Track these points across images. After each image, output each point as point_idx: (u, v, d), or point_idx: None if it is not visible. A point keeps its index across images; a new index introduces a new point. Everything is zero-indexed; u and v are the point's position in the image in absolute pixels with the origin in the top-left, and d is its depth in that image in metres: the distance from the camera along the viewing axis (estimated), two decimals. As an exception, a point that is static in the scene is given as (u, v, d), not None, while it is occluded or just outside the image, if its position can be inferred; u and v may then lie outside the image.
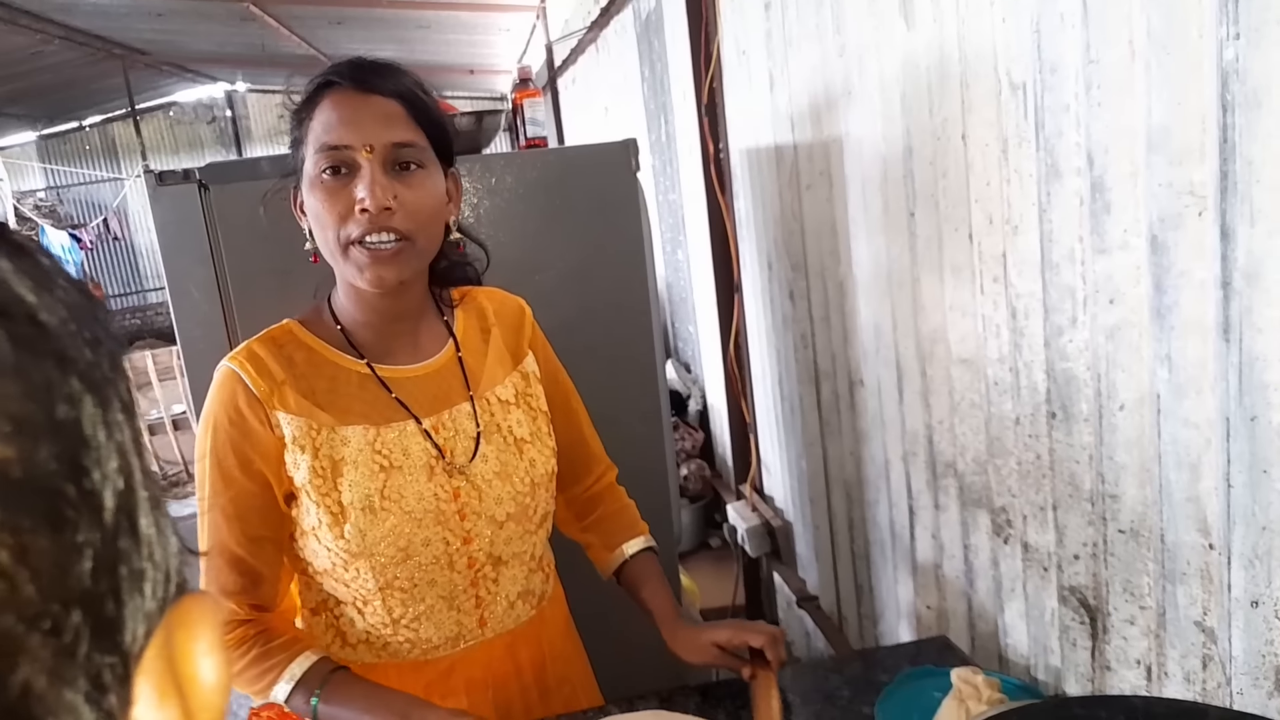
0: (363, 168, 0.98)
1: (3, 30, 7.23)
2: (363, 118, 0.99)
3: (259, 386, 1.04)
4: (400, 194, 0.99)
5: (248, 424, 1.04)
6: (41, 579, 0.20)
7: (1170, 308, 0.95)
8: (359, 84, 1.00)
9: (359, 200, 0.97)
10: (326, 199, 0.99)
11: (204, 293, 1.63)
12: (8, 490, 0.19)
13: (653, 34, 3.45)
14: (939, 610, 1.66)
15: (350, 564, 1.06)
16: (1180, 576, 1.00)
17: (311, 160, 1.00)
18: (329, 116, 0.99)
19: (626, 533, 1.32)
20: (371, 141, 0.98)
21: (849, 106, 1.72)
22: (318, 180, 1.00)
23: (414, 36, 7.68)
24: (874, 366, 1.79)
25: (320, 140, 0.99)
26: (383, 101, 1.01)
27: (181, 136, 14.10)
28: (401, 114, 1.01)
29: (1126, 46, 0.95)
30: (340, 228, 0.99)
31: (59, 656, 0.20)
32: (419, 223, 1.02)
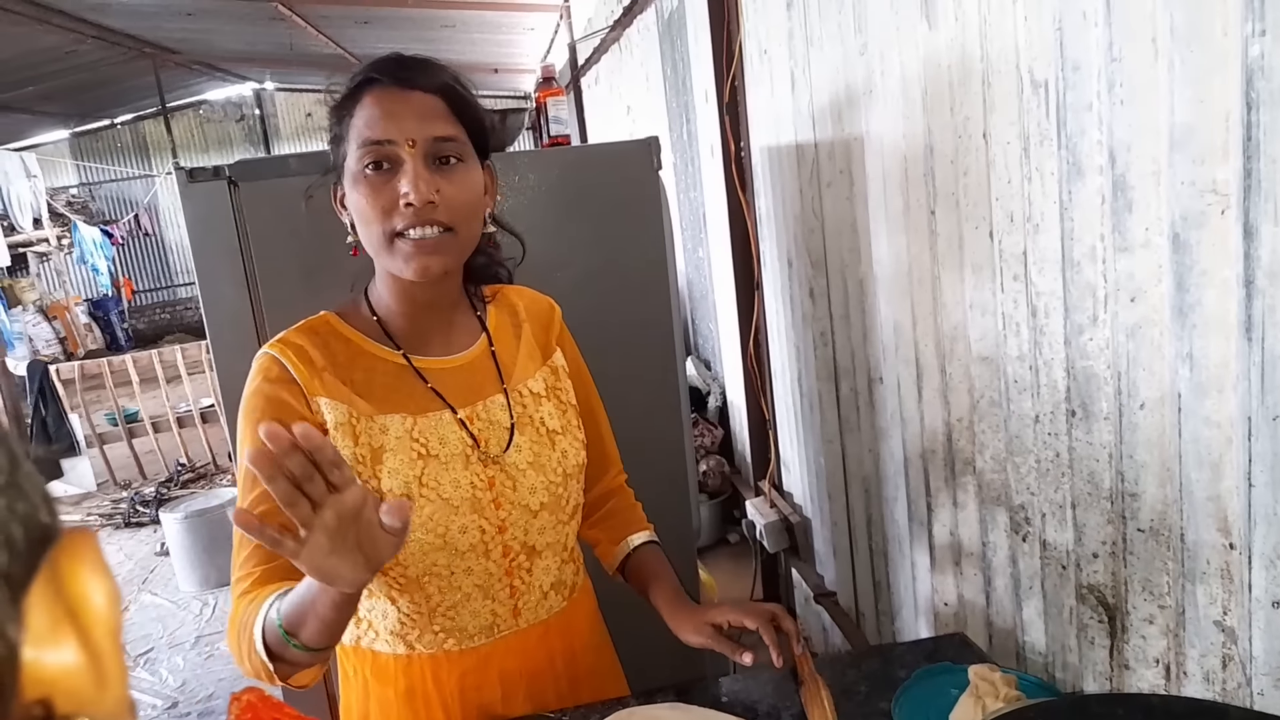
0: (405, 162, 1.00)
1: (37, 30, 7.35)
2: (404, 113, 1.00)
3: (299, 372, 1.06)
4: (442, 187, 1.01)
5: (287, 403, 1.05)
6: None
7: (1192, 306, 0.94)
8: (400, 80, 1.02)
9: (403, 194, 0.99)
10: (370, 193, 1.01)
11: (233, 288, 1.66)
12: None
13: (675, 33, 3.46)
14: (956, 607, 1.66)
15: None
16: (1200, 576, 1.00)
17: (354, 155, 1.02)
18: (371, 112, 1.01)
19: (632, 528, 1.34)
20: (414, 136, 1.00)
21: (870, 105, 1.72)
22: (361, 175, 1.01)
23: (440, 36, 7.73)
24: (893, 364, 1.79)
25: (363, 135, 1.00)
26: (424, 97, 1.02)
27: (211, 134, 14.28)
28: (442, 109, 1.03)
29: (1149, 44, 0.95)
30: (385, 221, 1.01)
31: None
32: (461, 215, 1.04)
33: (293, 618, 0.91)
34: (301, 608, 0.90)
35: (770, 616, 1.15)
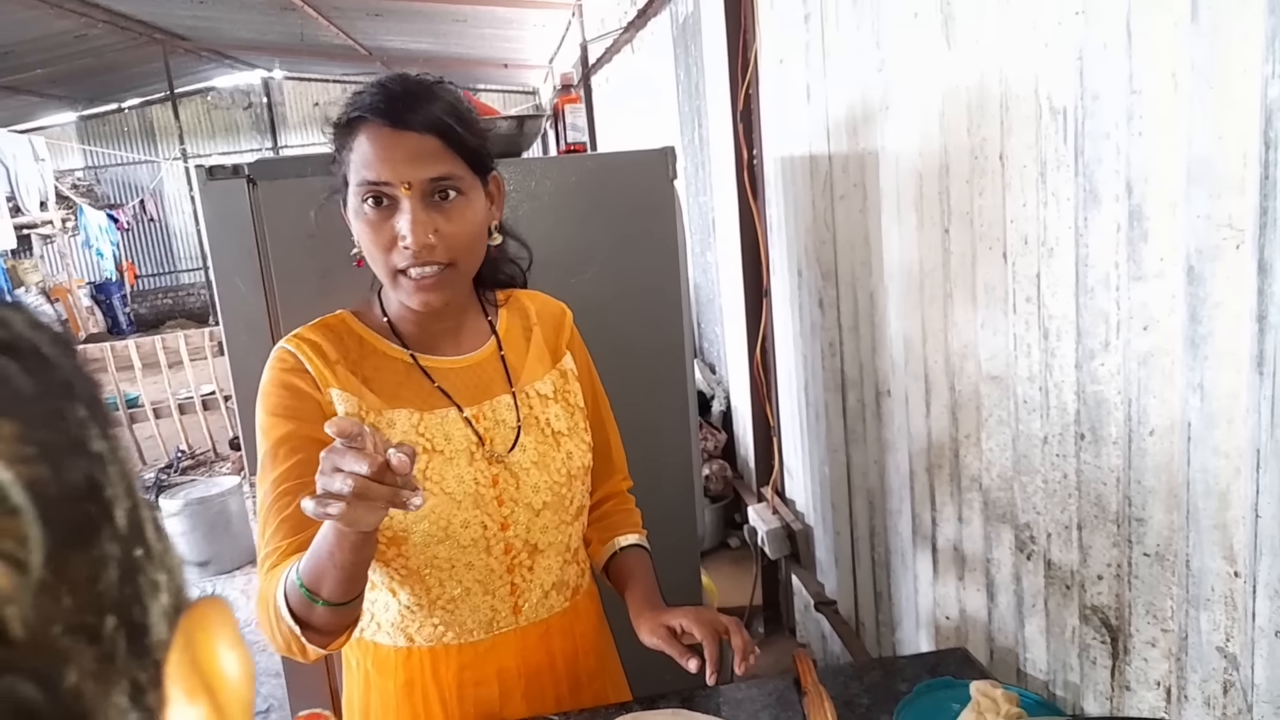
0: (403, 204, 1.01)
1: (50, 14, 7.35)
2: (399, 156, 1.00)
3: (313, 365, 1.10)
4: (440, 226, 1.03)
5: (302, 392, 1.09)
6: (78, 590, 0.22)
7: (1205, 338, 0.96)
8: (394, 120, 1.01)
9: (400, 237, 1.01)
10: (370, 231, 1.03)
11: (249, 284, 1.67)
12: (45, 508, 0.22)
13: (689, 38, 3.47)
14: (958, 622, 1.68)
15: (392, 543, 1.10)
16: (1204, 602, 1.01)
17: (354, 190, 1.04)
18: (366, 152, 1.01)
19: (621, 530, 1.34)
20: (409, 179, 1.00)
21: (886, 121, 1.73)
22: (360, 211, 1.04)
23: (450, 30, 7.74)
24: (902, 378, 1.81)
25: (360, 175, 1.02)
26: (418, 138, 1.01)
27: (218, 121, 14.26)
28: (438, 147, 1.03)
29: (1169, 78, 0.97)
30: (386, 257, 1.03)
31: (101, 661, 0.22)
32: (460, 249, 1.05)
33: (313, 575, 0.92)
34: (319, 562, 0.91)
35: (719, 629, 1.13)
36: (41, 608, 0.21)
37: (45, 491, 0.22)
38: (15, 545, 0.21)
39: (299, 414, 1.08)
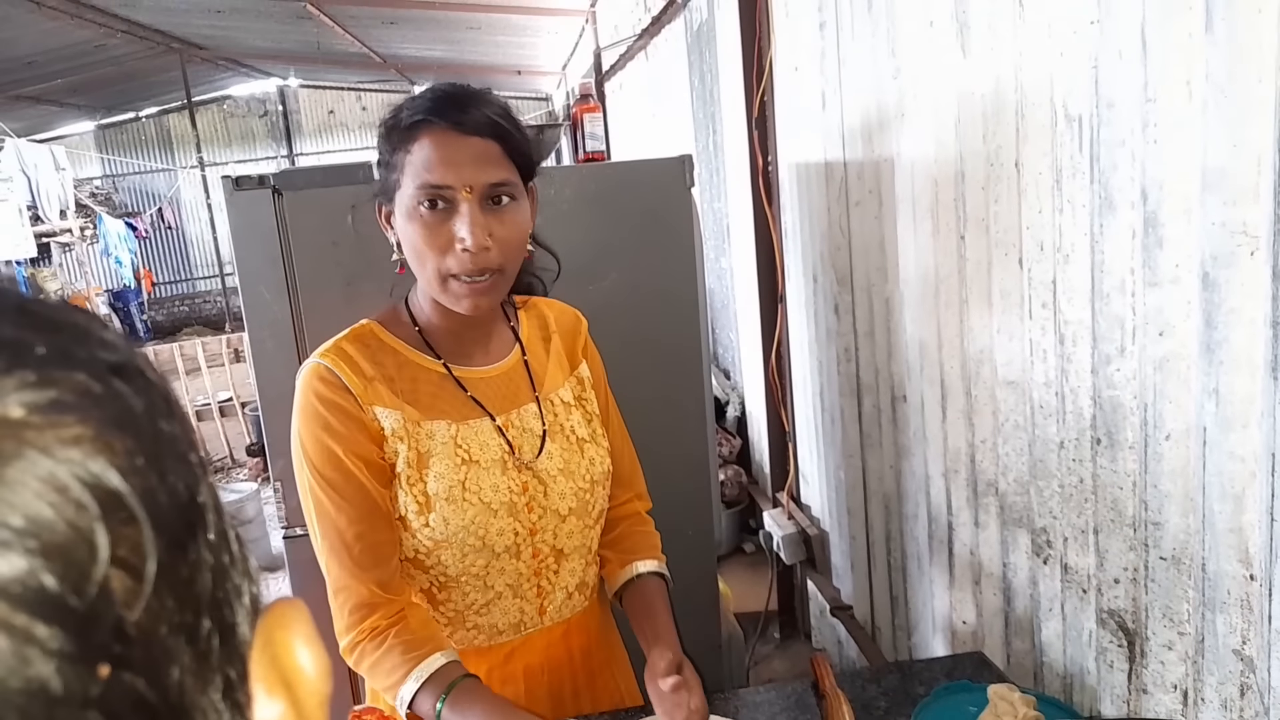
0: (462, 207, 1.03)
1: (70, 24, 7.44)
2: (462, 159, 1.02)
3: (353, 382, 1.10)
4: (495, 230, 1.04)
5: (346, 413, 1.09)
6: (179, 594, 0.24)
7: (1220, 343, 0.97)
8: (458, 124, 1.03)
9: (459, 240, 1.02)
10: (425, 233, 1.03)
11: (274, 292, 1.70)
12: (155, 517, 0.23)
13: (704, 45, 3.49)
14: (975, 626, 1.69)
15: (433, 551, 1.12)
16: (1220, 605, 1.02)
17: (410, 192, 1.04)
18: (429, 155, 1.02)
19: (641, 552, 1.32)
20: (471, 183, 1.02)
21: (901, 128, 1.75)
22: (415, 213, 1.04)
23: (464, 37, 7.79)
24: (917, 383, 1.82)
25: (420, 177, 1.02)
26: (481, 143, 1.04)
27: (234, 129, 14.37)
28: (497, 152, 1.05)
29: (1184, 87, 0.98)
30: (439, 260, 1.04)
31: (199, 660, 0.24)
32: (510, 254, 1.07)
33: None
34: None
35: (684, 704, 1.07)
36: (151, 609, 0.22)
37: (155, 501, 0.23)
38: (132, 552, 0.22)
39: (345, 434, 1.08)
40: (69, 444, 0.22)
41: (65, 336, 0.24)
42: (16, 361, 0.22)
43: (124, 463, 0.23)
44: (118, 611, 0.21)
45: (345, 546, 1.08)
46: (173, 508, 0.24)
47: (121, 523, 0.22)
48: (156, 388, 0.26)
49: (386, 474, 1.12)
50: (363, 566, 1.08)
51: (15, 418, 0.21)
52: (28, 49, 8.03)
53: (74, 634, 0.20)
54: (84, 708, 0.20)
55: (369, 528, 1.09)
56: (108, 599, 0.21)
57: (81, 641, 0.20)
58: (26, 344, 0.23)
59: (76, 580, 0.21)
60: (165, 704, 0.22)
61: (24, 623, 0.19)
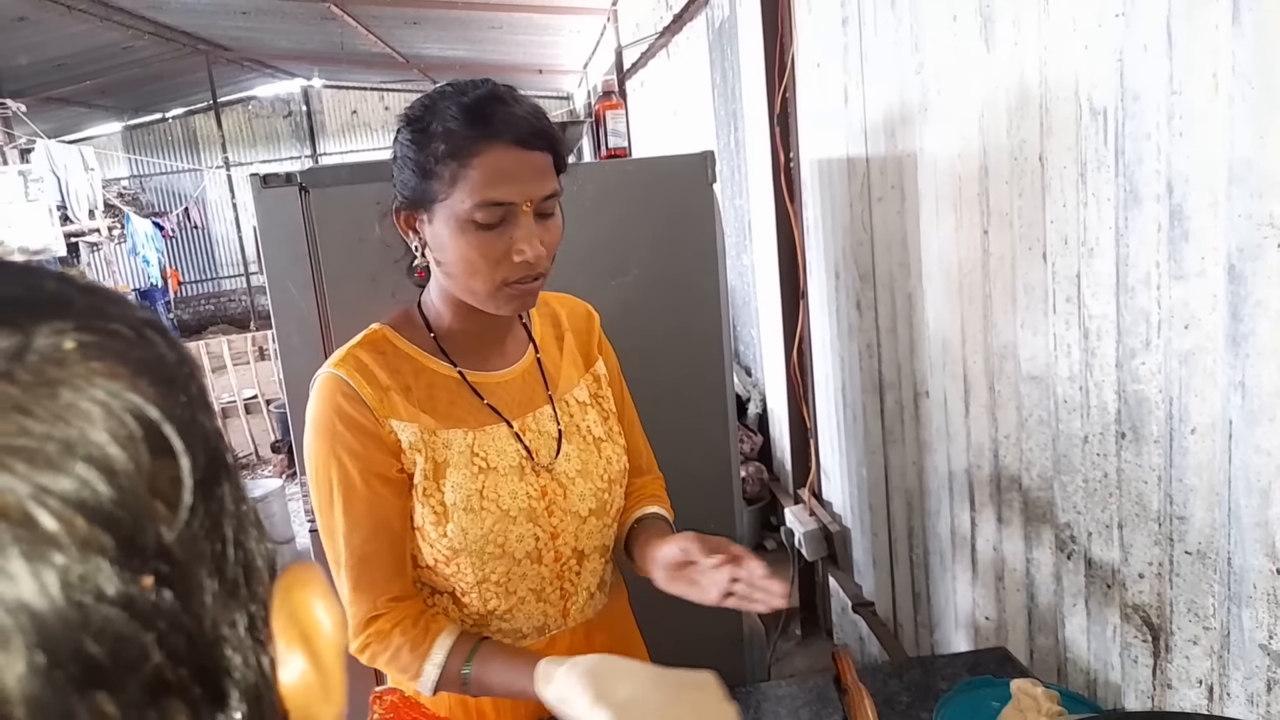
0: (521, 220, 1.03)
1: (98, 27, 7.55)
2: (525, 175, 1.03)
3: (368, 394, 1.09)
4: (544, 238, 1.05)
5: (362, 429, 1.09)
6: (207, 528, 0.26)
7: (1246, 336, 0.96)
8: (524, 142, 1.03)
9: (518, 251, 1.03)
10: (482, 245, 1.03)
11: (300, 289, 1.72)
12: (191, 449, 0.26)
13: (725, 42, 3.49)
14: (998, 621, 1.68)
15: (451, 560, 1.13)
16: (1246, 600, 1.01)
17: (465, 206, 1.03)
18: (491, 171, 1.02)
19: (641, 505, 1.30)
20: (531, 196, 1.03)
21: (925, 123, 1.74)
22: (470, 225, 1.03)
23: (486, 37, 7.83)
24: (940, 379, 1.81)
25: (483, 194, 1.02)
26: (540, 157, 1.04)
27: (259, 130, 14.53)
28: (549, 165, 1.06)
29: (1210, 79, 0.98)
30: (494, 271, 1.04)
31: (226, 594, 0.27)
32: (552, 258, 1.09)
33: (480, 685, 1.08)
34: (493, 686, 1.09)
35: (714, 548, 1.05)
36: (184, 539, 0.25)
37: (188, 437, 0.26)
38: (169, 480, 0.25)
39: (361, 451, 1.08)
40: (113, 378, 0.24)
41: (101, 297, 0.27)
42: (63, 311, 0.25)
43: (160, 400, 0.25)
44: (157, 531, 0.24)
45: (356, 565, 1.09)
46: (203, 450, 0.27)
47: (160, 452, 0.25)
48: (183, 349, 0.29)
49: (403, 486, 1.12)
50: (373, 583, 1.10)
51: (67, 349, 0.24)
52: (57, 51, 8.16)
53: (123, 543, 0.23)
54: (132, 615, 0.22)
55: (380, 546, 1.10)
56: (151, 516, 0.24)
57: (129, 551, 0.23)
58: (69, 298, 0.26)
59: (124, 496, 0.23)
60: (198, 627, 0.25)
61: (84, 527, 0.22)
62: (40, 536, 0.21)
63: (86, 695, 0.21)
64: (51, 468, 0.22)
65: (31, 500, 0.21)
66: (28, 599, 0.21)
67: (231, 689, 0.26)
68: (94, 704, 0.21)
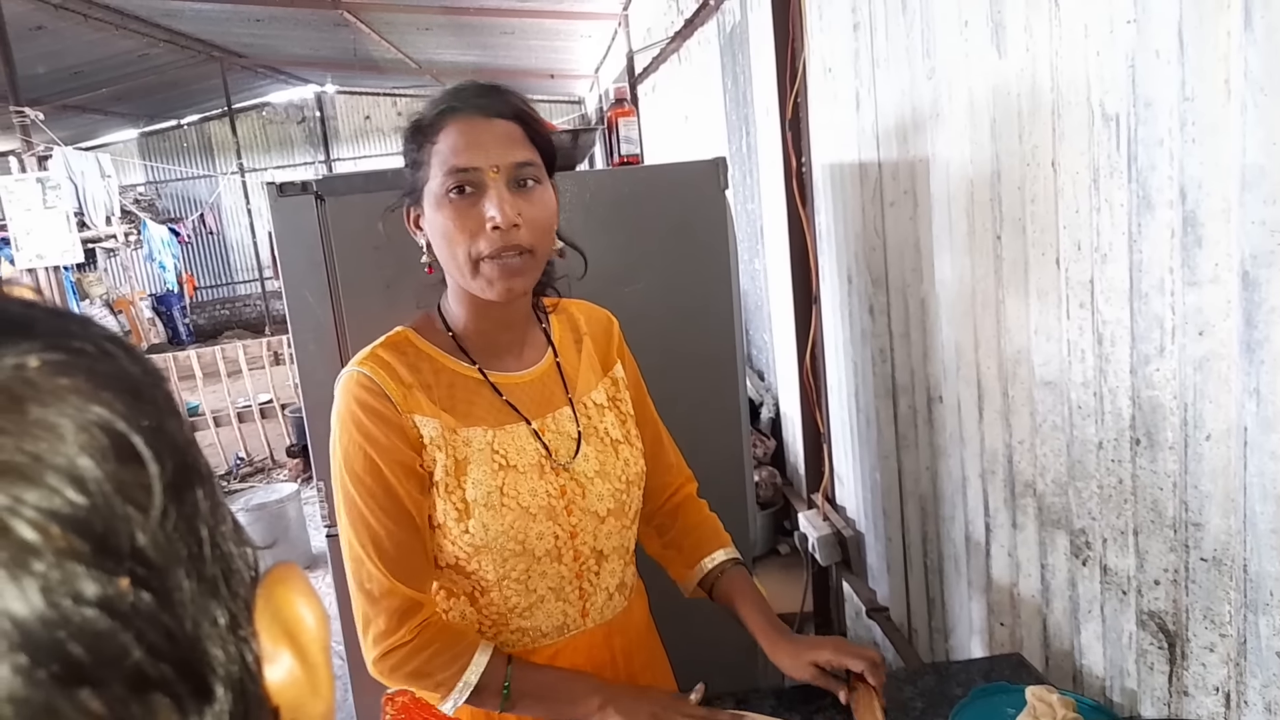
0: (490, 188, 1.06)
1: (114, 35, 7.63)
2: (488, 141, 1.06)
3: (393, 390, 1.11)
4: (524, 210, 1.07)
5: (387, 420, 1.10)
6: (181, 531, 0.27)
7: (1261, 342, 0.96)
8: (482, 109, 1.07)
9: (489, 218, 1.04)
10: (456, 217, 1.06)
11: (316, 296, 1.74)
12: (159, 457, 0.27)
13: (737, 47, 3.49)
14: (1012, 628, 1.68)
15: (473, 557, 1.14)
16: (1263, 606, 1.01)
17: (438, 181, 1.07)
18: (456, 140, 1.06)
19: (706, 547, 1.36)
20: (498, 163, 1.06)
21: (936, 128, 1.74)
22: (445, 199, 1.06)
23: (498, 42, 7.87)
24: (954, 384, 1.81)
25: (449, 163, 1.05)
26: (505, 124, 1.08)
27: (273, 136, 14.63)
28: (520, 134, 1.09)
29: (1223, 85, 0.97)
30: (470, 244, 1.06)
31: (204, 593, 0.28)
32: (539, 235, 1.09)
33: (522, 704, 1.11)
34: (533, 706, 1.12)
35: (874, 662, 1.21)
36: (158, 541, 0.26)
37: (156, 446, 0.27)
38: (138, 487, 0.26)
39: (386, 442, 1.09)
40: (79, 393, 0.26)
41: (65, 318, 0.29)
42: (27, 331, 0.26)
43: (125, 411, 0.27)
44: (131, 535, 0.25)
45: (386, 554, 1.09)
46: (172, 457, 0.28)
47: (128, 459, 0.26)
48: (148, 363, 0.30)
49: (424, 482, 1.13)
50: (404, 573, 1.10)
51: (33, 368, 0.25)
52: (74, 59, 8.25)
53: (98, 548, 0.24)
54: (111, 616, 0.24)
55: (408, 537, 1.11)
56: (124, 521, 0.25)
57: (104, 555, 0.24)
58: (33, 319, 0.27)
59: (96, 503, 0.24)
60: (178, 625, 0.26)
61: (60, 535, 0.23)
62: (19, 546, 0.22)
63: (71, 692, 0.22)
64: (25, 480, 0.23)
65: (8, 512, 0.22)
66: (9, 605, 0.22)
67: (215, 683, 0.27)
68: (78, 700, 0.22)
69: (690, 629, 1.50)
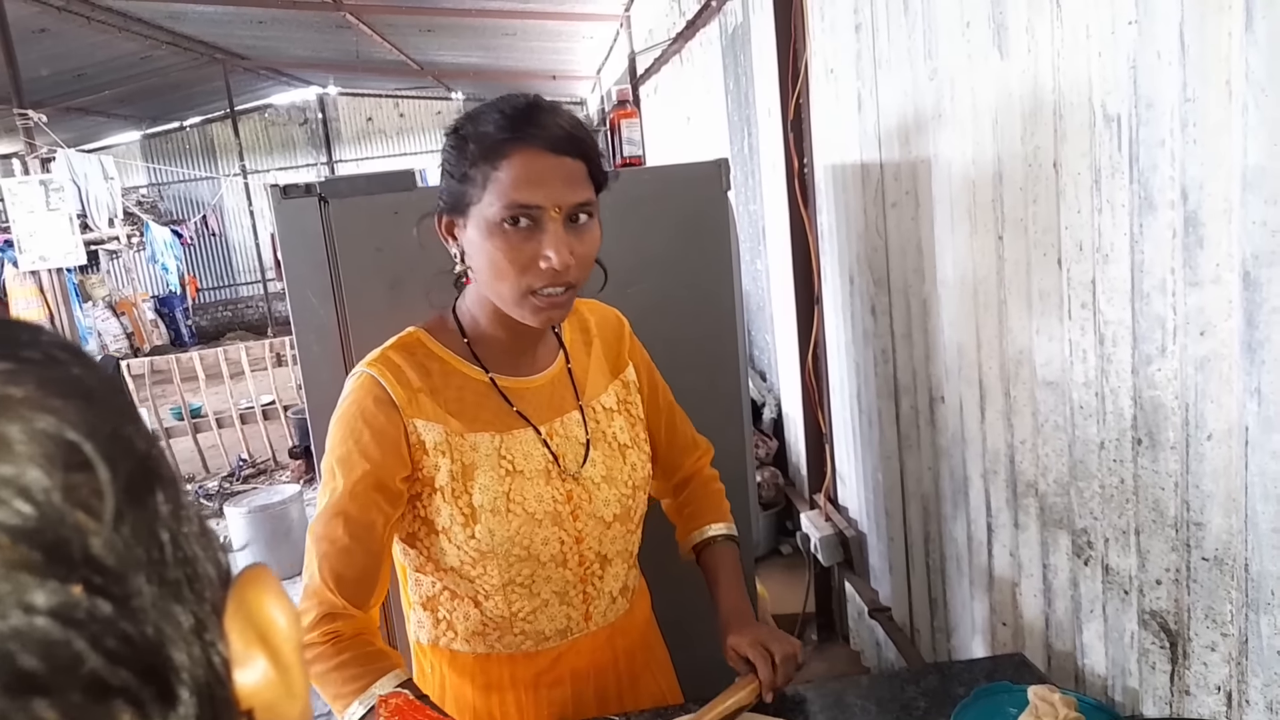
0: (548, 226, 1.03)
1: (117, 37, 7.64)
2: (552, 179, 1.03)
3: (398, 394, 1.11)
4: (575, 248, 1.05)
5: (383, 426, 1.10)
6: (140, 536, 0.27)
7: (1261, 343, 0.97)
8: (550, 145, 1.04)
9: (545, 257, 1.03)
10: (509, 249, 1.04)
11: (320, 298, 1.74)
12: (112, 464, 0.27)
13: (739, 48, 3.50)
14: (1015, 627, 1.68)
15: (478, 562, 1.14)
16: (1264, 606, 1.01)
17: (495, 208, 1.03)
18: (519, 173, 1.02)
19: (702, 519, 1.39)
20: (560, 202, 1.03)
21: (939, 129, 1.75)
22: (498, 227, 1.04)
23: (500, 44, 7.88)
24: (955, 384, 1.81)
25: (510, 196, 1.02)
26: (571, 163, 1.05)
27: (275, 137, 14.65)
28: (583, 172, 1.06)
29: (1224, 87, 0.98)
30: (521, 277, 1.05)
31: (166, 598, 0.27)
32: (585, 270, 1.09)
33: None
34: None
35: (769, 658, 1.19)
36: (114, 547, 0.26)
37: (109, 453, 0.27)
38: (91, 493, 0.26)
39: (377, 456, 1.09)
40: (27, 403, 0.25)
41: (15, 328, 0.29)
42: None
43: (76, 418, 0.27)
44: (84, 543, 0.25)
45: (334, 557, 1.09)
46: (128, 461, 0.28)
47: (78, 466, 0.26)
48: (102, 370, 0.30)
49: (401, 498, 1.13)
50: (342, 581, 1.09)
51: None
52: (78, 62, 8.27)
53: (49, 556, 0.24)
54: (64, 624, 0.23)
55: (362, 549, 1.10)
56: (75, 529, 0.25)
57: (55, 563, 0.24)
58: None
59: (45, 512, 0.24)
60: (138, 630, 0.26)
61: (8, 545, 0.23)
62: None
63: (24, 702, 0.22)
64: None
65: None
66: None
67: (179, 687, 0.27)
68: (32, 710, 0.22)
69: (693, 628, 1.51)
